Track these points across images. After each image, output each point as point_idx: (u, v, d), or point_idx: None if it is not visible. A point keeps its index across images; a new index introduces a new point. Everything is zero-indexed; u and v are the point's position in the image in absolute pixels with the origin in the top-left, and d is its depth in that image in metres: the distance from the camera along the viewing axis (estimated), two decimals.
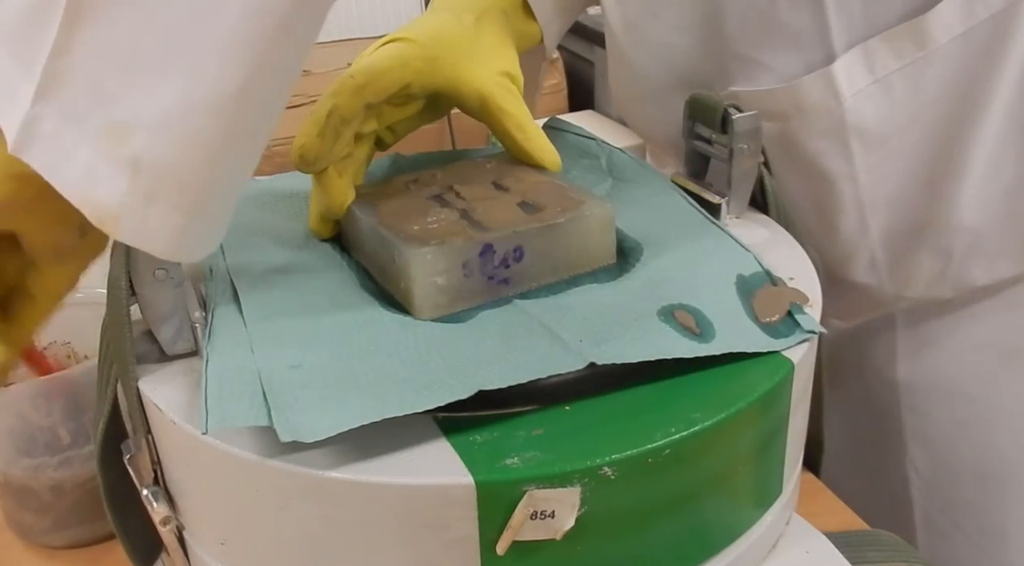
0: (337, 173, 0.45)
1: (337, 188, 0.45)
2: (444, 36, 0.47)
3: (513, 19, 0.53)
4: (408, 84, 0.45)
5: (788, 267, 0.44)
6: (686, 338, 0.38)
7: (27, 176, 0.30)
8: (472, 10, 0.49)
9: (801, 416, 0.41)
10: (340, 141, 0.43)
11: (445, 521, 0.32)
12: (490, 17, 0.50)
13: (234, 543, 0.37)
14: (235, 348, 0.37)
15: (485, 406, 0.34)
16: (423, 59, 0.45)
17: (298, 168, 0.43)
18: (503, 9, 0.52)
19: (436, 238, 0.40)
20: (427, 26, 0.47)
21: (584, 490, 0.32)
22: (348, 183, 0.45)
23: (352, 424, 0.32)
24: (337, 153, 0.44)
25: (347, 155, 0.46)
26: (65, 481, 0.51)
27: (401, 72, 0.45)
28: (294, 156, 0.43)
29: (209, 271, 0.43)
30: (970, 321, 0.59)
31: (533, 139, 0.48)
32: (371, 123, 0.47)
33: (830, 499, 0.52)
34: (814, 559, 0.42)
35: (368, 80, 0.43)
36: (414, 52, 0.45)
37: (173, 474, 0.38)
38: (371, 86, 0.44)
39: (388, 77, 0.44)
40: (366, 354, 0.37)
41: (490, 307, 0.41)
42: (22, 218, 0.34)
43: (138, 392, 0.37)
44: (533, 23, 0.55)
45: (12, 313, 0.38)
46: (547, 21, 0.57)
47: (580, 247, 0.44)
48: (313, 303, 0.41)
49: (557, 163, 0.48)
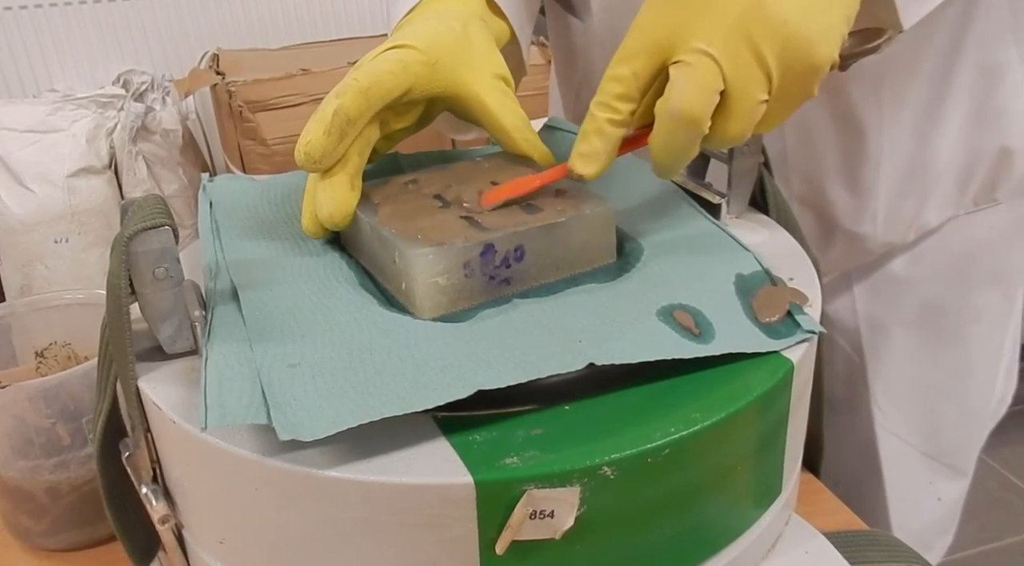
0: (349, 182, 0.44)
1: (344, 193, 0.44)
2: (442, 42, 0.47)
3: (489, 22, 0.53)
4: (410, 88, 0.45)
5: (788, 267, 0.44)
6: (686, 339, 0.38)
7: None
8: (458, 18, 0.50)
9: (801, 416, 0.41)
10: (345, 141, 0.43)
11: (444, 521, 0.32)
12: (474, 24, 0.50)
13: (233, 542, 0.37)
14: (234, 346, 0.37)
15: (485, 406, 0.34)
16: (424, 64, 0.46)
17: (303, 166, 0.43)
18: (480, 15, 0.52)
19: (437, 238, 0.40)
20: (425, 32, 0.47)
21: (584, 490, 0.32)
22: (355, 192, 0.45)
23: (351, 423, 0.32)
24: (341, 153, 0.44)
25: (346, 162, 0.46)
26: (62, 484, 0.51)
27: (404, 76, 0.45)
28: (299, 154, 0.42)
29: (209, 270, 0.43)
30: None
31: (529, 140, 0.48)
32: (373, 130, 0.47)
33: (830, 499, 0.52)
34: (813, 559, 0.42)
35: (372, 82, 0.43)
36: (415, 57, 0.45)
37: (172, 472, 0.38)
38: (375, 89, 0.43)
39: (391, 81, 0.44)
40: (365, 353, 0.37)
41: (490, 306, 0.41)
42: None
43: (137, 391, 0.37)
44: (503, 22, 0.56)
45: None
46: (518, 23, 0.57)
47: (580, 246, 0.44)
48: (313, 302, 0.41)
49: (549, 158, 0.49)
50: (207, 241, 0.46)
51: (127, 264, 0.36)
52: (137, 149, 1.52)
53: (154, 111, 1.55)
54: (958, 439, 0.72)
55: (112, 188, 1.50)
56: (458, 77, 0.47)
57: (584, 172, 0.43)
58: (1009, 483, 1.69)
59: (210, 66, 1.67)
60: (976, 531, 1.57)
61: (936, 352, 0.69)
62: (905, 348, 0.69)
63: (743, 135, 0.41)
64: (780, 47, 0.39)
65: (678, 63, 0.39)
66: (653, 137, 0.41)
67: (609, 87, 0.42)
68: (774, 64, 0.39)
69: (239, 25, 1.90)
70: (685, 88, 0.39)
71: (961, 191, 0.64)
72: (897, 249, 0.67)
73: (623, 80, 0.41)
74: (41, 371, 0.55)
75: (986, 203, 0.65)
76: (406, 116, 0.48)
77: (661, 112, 0.40)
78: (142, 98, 1.55)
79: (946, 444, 0.72)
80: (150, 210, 0.37)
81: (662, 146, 0.41)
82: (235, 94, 1.55)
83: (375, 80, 0.44)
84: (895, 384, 0.70)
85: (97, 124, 1.48)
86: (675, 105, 0.39)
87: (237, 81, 1.56)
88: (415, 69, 0.45)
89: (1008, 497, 1.67)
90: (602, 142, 0.42)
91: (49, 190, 1.42)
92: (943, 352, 0.69)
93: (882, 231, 0.65)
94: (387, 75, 0.44)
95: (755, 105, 0.40)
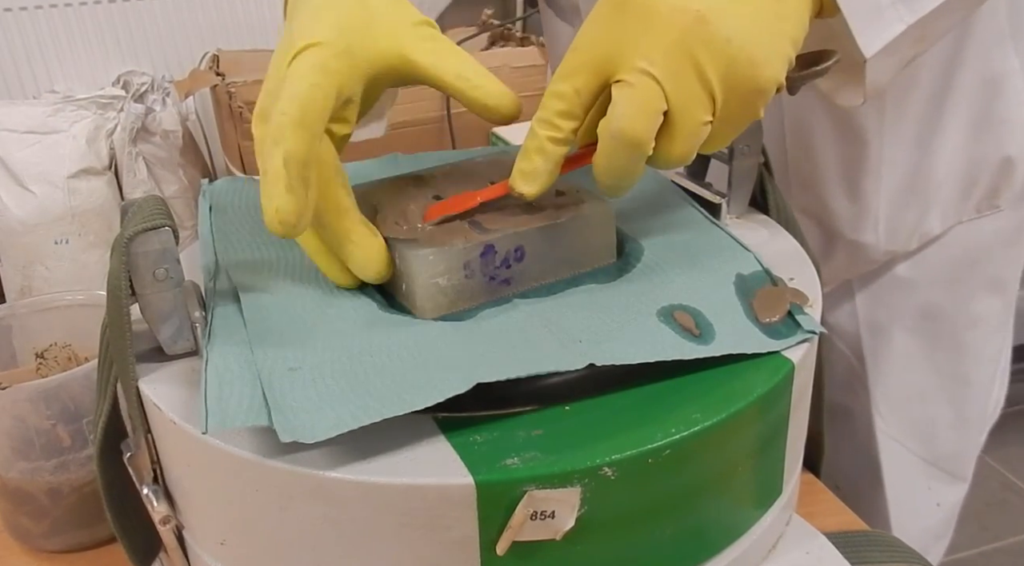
0: (367, 230, 0.41)
1: (372, 244, 0.41)
2: (344, 21, 0.41)
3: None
4: (339, 90, 0.39)
5: (788, 267, 0.44)
6: (686, 339, 0.38)
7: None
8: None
9: (801, 416, 0.41)
10: (311, 187, 0.38)
11: (445, 521, 0.32)
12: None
13: (234, 543, 0.37)
14: (235, 348, 0.37)
15: (485, 406, 0.34)
16: (337, 55, 0.40)
17: (284, 236, 0.37)
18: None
19: (437, 239, 0.40)
20: (322, 18, 0.41)
21: (584, 490, 0.32)
22: (374, 232, 0.41)
23: (352, 425, 0.32)
24: (313, 202, 0.38)
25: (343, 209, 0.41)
26: (62, 485, 0.51)
27: (329, 82, 0.39)
28: (273, 225, 0.37)
29: (209, 271, 0.43)
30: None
31: (480, 86, 0.43)
32: (328, 154, 0.41)
33: (830, 499, 0.52)
34: (814, 560, 0.42)
35: (302, 108, 0.37)
36: (327, 54, 0.39)
37: (172, 473, 0.38)
38: (308, 113, 0.37)
39: (319, 94, 0.38)
40: (366, 354, 0.37)
41: (491, 306, 0.41)
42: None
43: (138, 391, 0.37)
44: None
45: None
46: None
47: (580, 246, 0.44)
48: (313, 303, 0.41)
49: (514, 106, 0.43)
50: (207, 243, 0.46)
51: (127, 265, 0.36)
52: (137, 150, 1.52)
53: (154, 112, 1.55)
54: (956, 445, 0.72)
55: (112, 189, 1.50)
56: (376, 47, 0.41)
57: (525, 191, 0.41)
58: (1009, 483, 1.69)
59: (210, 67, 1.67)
60: (976, 531, 1.57)
61: (935, 357, 0.69)
62: (905, 353, 0.69)
63: (687, 156, 0.39)
64: (724, 67, 0.37)
65: (620, 83, 0.38)
66: (596, 158, 0.39)
67: (551, 104, 0.40)
68: (717, 84, 0.38)
69: (239, 25, 1.90)
70: (626, 110, 0.38)
71: (963, 199, 0.64)
72: (899, 255, 0.67)
73: (565, 97, 0.40)
74: (41, 372, 0.55)
75: (988, 210, 0.65)
76: (347, 119, 0.42)
77: (603, 133, 0.38)
78: (142, 99, 1.55)
79: (944, 450, 0.72)
80: (150, 211, 0.37)
81: (605, 167, 0.39)
82: (235, 95, 1.55)
83: (303, 103, 0.37)
84: (895, 389, 0.70)
85: (97, 125, 1.47)
86: (616, 126, 0.38)
87: (237, 82, 1.56)
88: (333, 67, 0.39)
89: (1008, 497, 1.67)
90: (543, 160, 0.40)
91: (49, 191, 1.42)
92: (942, 357, 0.69)
93: (884, 240, 0.65)
94: (312, 91, 0.38)
95: (698, 126, 0.39)
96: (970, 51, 0.59)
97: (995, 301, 0.68)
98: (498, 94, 0.43)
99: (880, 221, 0.64)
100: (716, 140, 0.40)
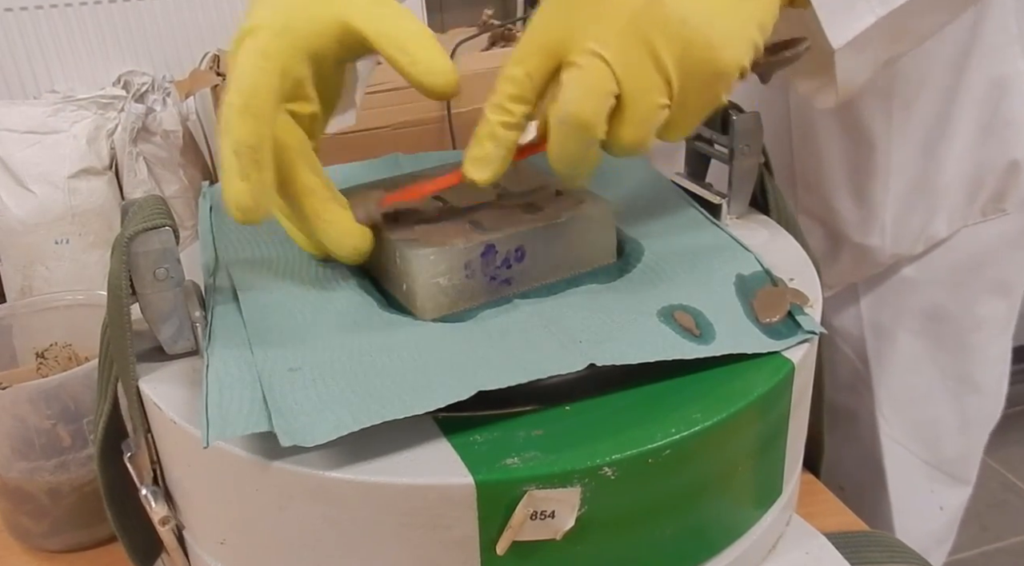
0: (338, 207, 0.40)
1: (343, 219, 0.40)
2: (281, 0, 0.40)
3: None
4: (284, 71, 0.39)
5: (788, 267, 0.44)
6: (686, 339, 0.38)
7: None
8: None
9: (802, 416, 0.41)
10: (265, 170, 0.38)
11: (445, 521, 0.32)
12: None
13: (234, 543, 0.37)
14: (235, 350, 0.37)
15: (485, 406, 0.34)
16: (276, 36, 0.39)
17: (247, 222, 0.38)
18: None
19: (438, 239, 0.40)
20: (262, 1, 0.40)
21: (584, 490, 0.32)
22: (346, 207, 0.41)
23: (352, 427, 0.32)
24: (269, 184, 0.38)
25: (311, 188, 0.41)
26: (62, 485, 0.51)
27: (270, 65, 0.39)
28: (233, 213, 0.37)
29: (209, 270, 0.43)
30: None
31: (420, 61, 0.40)
32: (291, 136, 0.40)
33: (830, 499, 0.52)
34: (814, 560, 0.42)
35: (245, 95, 0.38)
36: (265, 37, 0.39)
37: (173, 473, 0.38)
38: (253, 99, 0.38)
39: (262, 78, 0.38)
40: (366, 356, 0.37)
41: (491, 307, 0.41)
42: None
43: (138, 391, 0.37)
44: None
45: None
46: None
47: (581, 246, 0.44)
48: (313, 304, 0.41)
49: (449, 85, 0.40)
50: (207, 243, 0.46)
51: (128, 265, 0.36)
52: (138, 150, 1.52)
53: (155, 112, 1.55)
54: (960, 448, 0.72)
55: (113, 189, 1.50)
56: (319, 23, 0.40)
57: (476, 177, 0.40)
58: (1009, 483, 1.69)
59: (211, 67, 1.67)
60: (977, 532, 1.57)
61: (939, 360, 0.69)
62: (909, 355, 0.69)
63: (640, 142, 0.38)
64: (680, 50, 0.36)
65: (569, 65, 0.37)
66: (548, 144, 0.38)
67: (503, 88, 0.39)
68: (673, 68, 0.36)
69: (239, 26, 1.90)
70: (574, 92, 0.37)
71: (969, 203, 0.64)
72: (904, 258, 0.67)
73: (516, 81, 0.38)
74: (42, 372, 0.55)
75: (994, 214, 0.65)
76: (306, 97, 0.41)
77: (552, 117, 0.37)
78: (143, 99, 1.55)
79: (948, 453, 0.72)
80: (151, 211, 0.37)
81: (557, 154, 0.38)
82: None
83: (246, 90, 0.38)
84: (899, 392, 0.70)
85: (98, 125, 1.47)
86: (563, 109, 0.37)
87: None
88: (273, 49, 0.39)
89: (1008, 497, 1.67)
90: (494, 146, 0.39)
91: (49, 191, 1.42)
92: (946, 360, 0.69)
93: (890, 243, 0.65)
94: (254, 76, 0.38)
95: (652, 110, 0.37)
96: (979, 53, 0.59)
97: (1000, 304, 0.68)
98: (436, 71, 0.40)
99: (886, 225, 0.64)
100: (676, 126, 0.39)
